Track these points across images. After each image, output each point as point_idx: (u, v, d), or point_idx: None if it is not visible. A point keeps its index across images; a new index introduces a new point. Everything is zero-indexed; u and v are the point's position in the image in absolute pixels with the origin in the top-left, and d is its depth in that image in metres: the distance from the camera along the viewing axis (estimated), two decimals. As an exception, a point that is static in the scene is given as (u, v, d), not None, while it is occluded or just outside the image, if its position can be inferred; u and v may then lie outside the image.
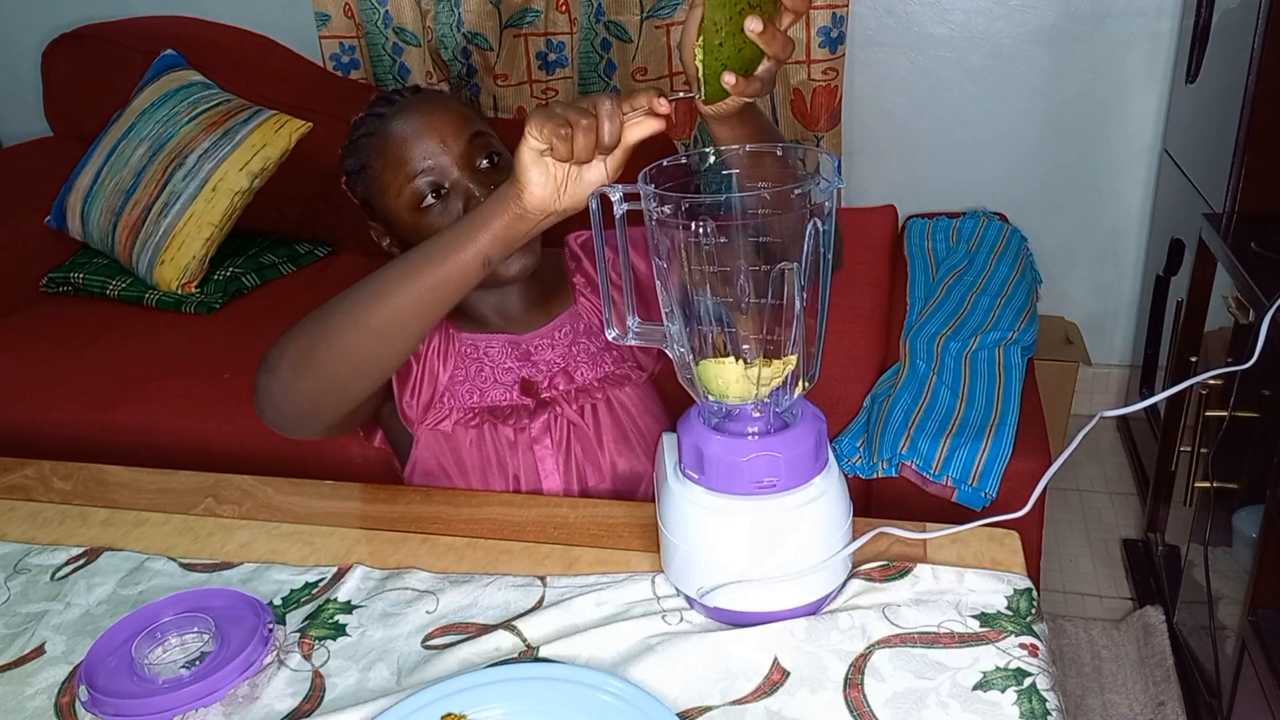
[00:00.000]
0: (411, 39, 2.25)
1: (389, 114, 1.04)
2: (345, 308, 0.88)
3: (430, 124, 1.02)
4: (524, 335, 1.11)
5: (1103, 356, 2.41)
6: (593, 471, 1.10)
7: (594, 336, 1.13)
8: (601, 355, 1.13)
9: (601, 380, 1.12)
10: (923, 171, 2.33)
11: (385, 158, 1.03)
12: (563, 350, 1.11)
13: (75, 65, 2.31)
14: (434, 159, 1.02)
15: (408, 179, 1.02)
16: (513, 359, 1.10)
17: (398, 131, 1.02)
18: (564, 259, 1.18)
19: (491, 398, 1.09)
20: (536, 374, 1.10)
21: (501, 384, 1.09)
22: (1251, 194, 1.55)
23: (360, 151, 1.06)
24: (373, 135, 1.04)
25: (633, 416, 1.12)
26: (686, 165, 0.78)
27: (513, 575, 0.87)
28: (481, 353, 1.10)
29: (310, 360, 0.88)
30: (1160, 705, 1.58)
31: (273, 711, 0.74)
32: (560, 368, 1.10)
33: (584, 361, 1.12)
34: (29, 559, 0.94)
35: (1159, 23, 2.09)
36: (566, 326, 1.13)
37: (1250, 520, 1.33)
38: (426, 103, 1.04)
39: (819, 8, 2.09)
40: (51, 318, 2.07)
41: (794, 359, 0.78)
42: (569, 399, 1.09)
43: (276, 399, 0.91)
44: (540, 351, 1.11)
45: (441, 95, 1.08)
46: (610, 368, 1.13)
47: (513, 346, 1.10)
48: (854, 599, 0.80)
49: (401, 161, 1.02)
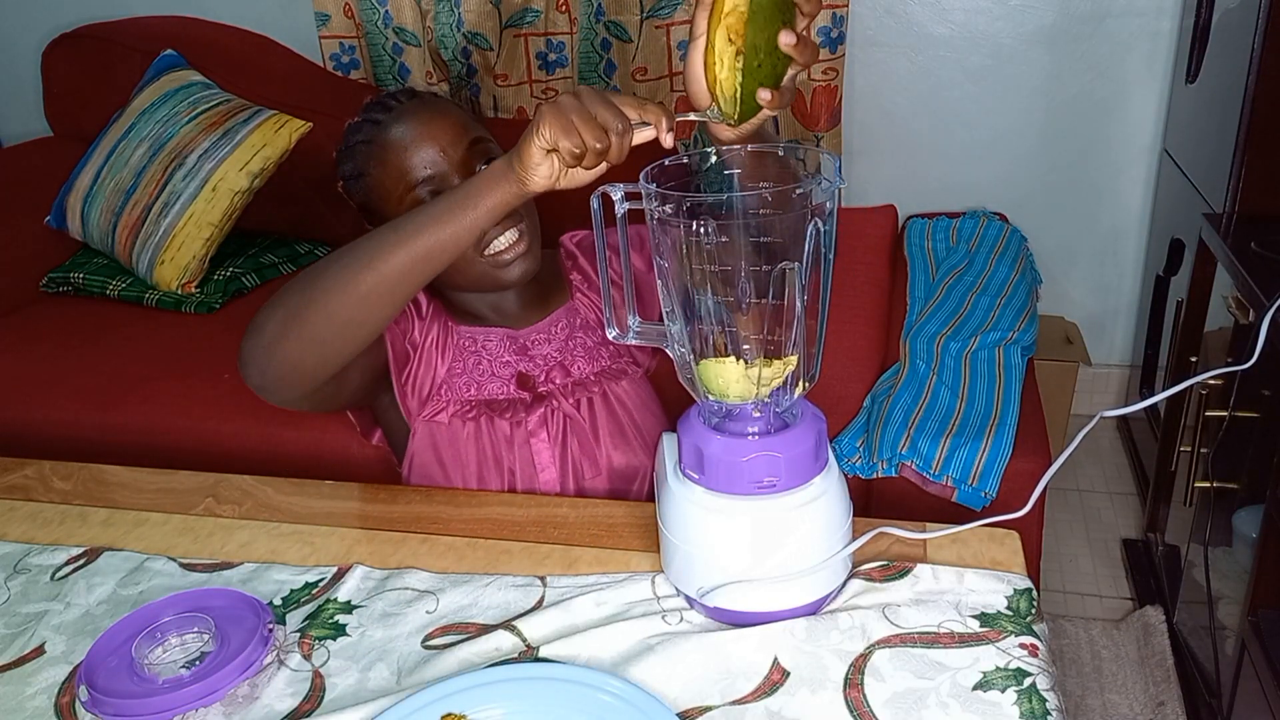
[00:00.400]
0: (411, 39, 2.25)
1: (386, 121, 1.04)
2: (334, 271, 0.88)
3: (429, 132, 1.02)
4: (521, 330, 1.12)
5: (1103, 356, 2.41)
6: (589, 465, 1.10)
7: (590, 331, 1.14)
8: (598, 350, 1.14)
9: (598, 374, 1.12)
10: (923, 171, 2.33)
11: (384, 166, 1.03)
12: (559, 344, 1.12)
13: (75, 65, 2.31)
14: (434, 168, 1.02)
15: (409, 188, 1.02)
16: (510, 353, 1.11)
17: (396, 140, 1.02)
18: (559, 257, 1.19)
19: (488, 391, 1.09)
20: (533, 368, 1.11)
21: (499, 377, 1.10)
22: (1251, 194, 1.55)
23: (358, 158, 1.06)
24: (371, 143, 1.05)
25: (629, 411, 1.13)
26: (687, 165, 0.78)
27: (513, 575, 0.87)
28: (479, 346, 1.10)
29: (296, 321, 0.89)
30: (1160, 705, 1.58)
31: (273, 711, 0.74)
32: (557, 361, 1.11)
33: (581, 356, 1.12)
34: (29, 559, 0.94)
35: (1159, 23, 2.09)
36: (563, 321, 1.13)
37: (1250, 520, 1.33)
38: (424, 110, 1.04)
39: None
40: (51, 318, 2.07)
41: (794, 359, 0.78)
42: (565, 393, 1.10)
43: (260, 359, 0.92)
44: (537, 346, 1.12)
45: (438, 100, 1.08)
46: (607, 362, 1.13)
47: (510, 340, 1.11)
48: (854, 599, 0.80)
49: (402, 171, 1.02)
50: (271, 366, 0.92)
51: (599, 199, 0.79)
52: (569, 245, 1.19)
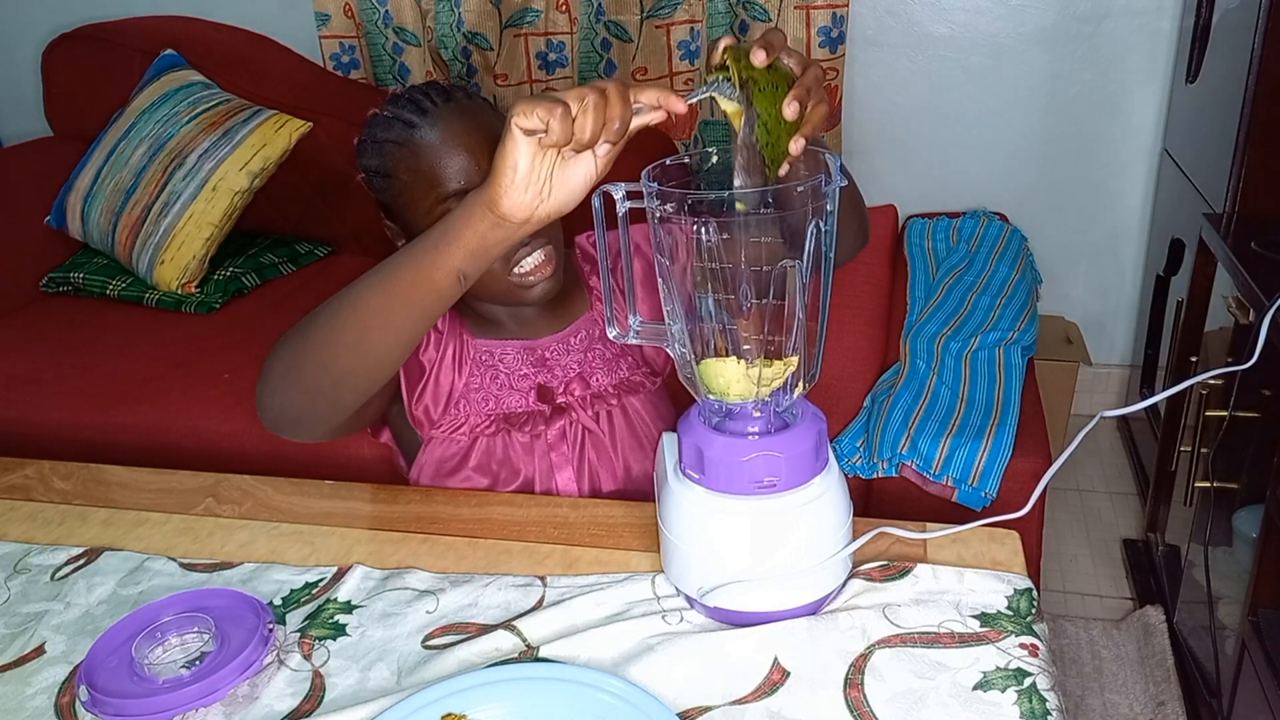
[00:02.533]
0: (411, 39, 2.25)
1: (421, 124, 0.99)
2: (324, 319, 0.85)
3: (464, 142, 0.98)
4: (540, 340, 1.10)
5: (1103, 356, 2.41)
6: (607, 476, 1.10)
7: (609, 342, 1.12)
8: (617, 361, 1.12)
9: (617, 386, 1.11)
10: (923, 171, 2.33)
11: (415, 173, 0.99)
12: (579, 356, 1.10)
13: (75, 65, 2.31)
14: (468, 180, 0.97)
15: (439, 200, 0.98)
16: (528, 365, 1.09)
17: (430, 147, 0.98)
18: (576, 260, 1.17)
19: (508, 404, 1.08)
20: (552, 379, 1.09)
21: (518, 390, 1.08)
22: (1251, 194, 1.55)
23: (385, 156, 1.01)
24: (402, 145, 0.99)
25: (646, 422, 1.12)
26: (688, 165, 0.78)
27: (513, 575, 0.87)
28: (497, 359, 1.08)
29: (295, 370, 0.87)
30: (1160, 705, 1.58)
31: (273, 711, 0.74)
32: (576, 374, 1.09)
33: (599, 367, 1.11)
34: (29, 559, 0.94)
35: (1159, 22, 2.09)
36: (583, 332, 1.11)
37: (1250, 520, 1.33)
38: (459, 118, 0.99)
39: (819, 7, 2.09)
40: (51, 318, 2.07)
41: (795, 360, 0.78)
42: (584, 405, 1.09)
43: (272, 406, 0.90)
44: (556, 357, 1.10)
45: (472, 105, 1.03)
46: (625, 373, 1.12)
47: (528, 352, 1.09)
48: (854, 599, 0.80)
49: (434, 181, 0.98)
50: (284, 412, 0.90)
51: (600, 198, 0.79)
52: (586, 246, 1.17)
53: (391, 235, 1.08)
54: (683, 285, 0.77)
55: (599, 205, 0.79)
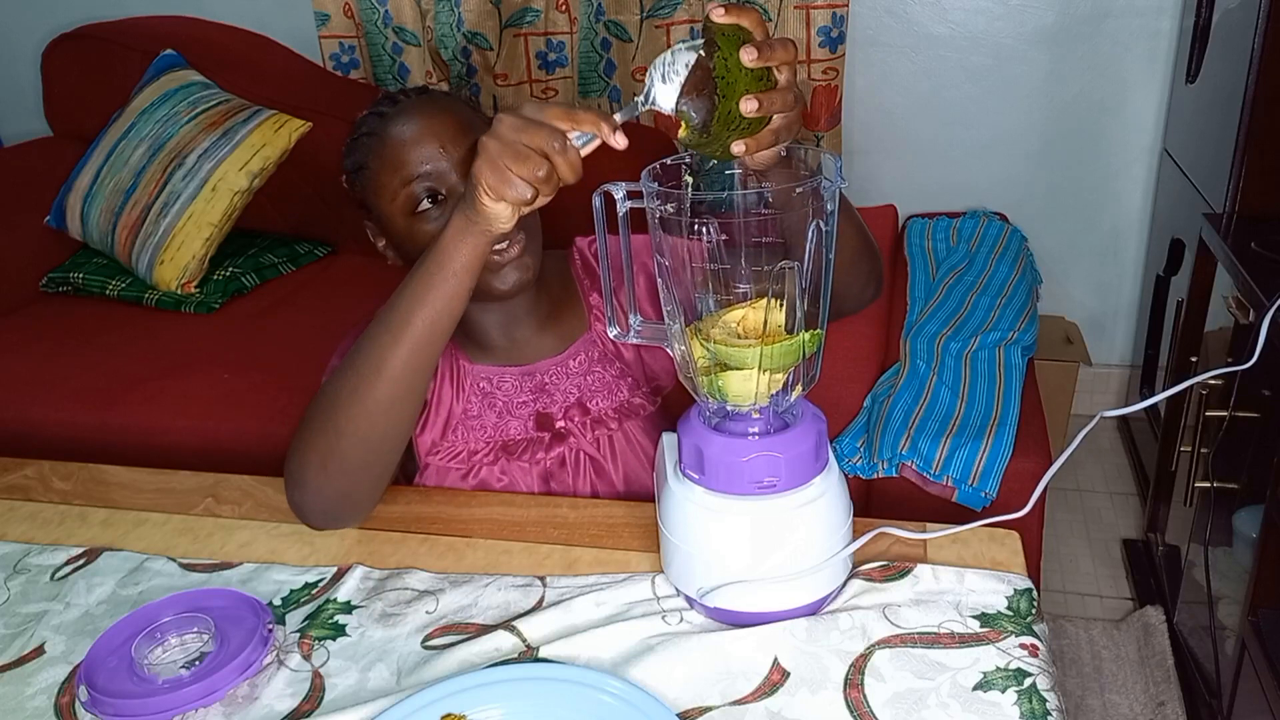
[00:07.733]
0: (411, 39, 2.25)
1: (391, 114, 1.00)
2: (345, 395, 0.88)
3: (431, 127, 0.99)
4: (538, 364, 1.08)
5: (1103, 356, 2.41)
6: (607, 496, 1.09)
7: (609, 364, 1.10)
8: (617, 383, 1.09)
9: (617, 410, 1.08)
10: (923, 171, 2.33)
11: (383, 160, 1.00)
12: (578, 380, 1.08)
13: (75, 65, 2.31)
14: (432, 164, 0.98)
15: (404, 183, 0.98)
16: (527, 392, 1.07)
17: (397, 133, 0.99)
18: (572, 269, 1.14)
19: (506, 432, 1.06)
20: (552, 405, 1.07)
21: (517, 417, 1.07)
22: (1251, 194, 1.55)
23: (359, 151, 1.03)
24: (372, 135, 1.01)
25: (645, 448, 1.10)
26: (689, 165, 0.78)
27: (513, 575, 0.87)
28: (495, 386, 1.07)
29: (333, 460, 0.89)
30: (1160, 705, 1.58)
31: (273, 711, 0.74)
32: (576, 399, 1.08)
33: (599, 391, 1.08)
34: (29, 559, 0.94)
35: (1159, 23, 2.09)
36: (582, 355, 1.09)
37: (1250, 520, 1.33)
38: (429, 105, 1.01)
39: (819, 7, 2.09)
40: (51, 318, 2.07)
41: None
42: (584, 430, 1.07)
43: (317, 508, 0.93)
44: (556, 381, 1.08)
45: (445, 97, 1.04)
46: (626, 395, 1.09)
47: (527, 378, 1.08)
48: (854, 599, 0.80)
49: (399, 165, 0.99)
50: (331, 507, 0.93)
51: (601, 197, 0.79)
52: (586, 253, 1.14)
53: (372, 236, 1.07)
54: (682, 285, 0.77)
55: (599, 205, 0.79)
